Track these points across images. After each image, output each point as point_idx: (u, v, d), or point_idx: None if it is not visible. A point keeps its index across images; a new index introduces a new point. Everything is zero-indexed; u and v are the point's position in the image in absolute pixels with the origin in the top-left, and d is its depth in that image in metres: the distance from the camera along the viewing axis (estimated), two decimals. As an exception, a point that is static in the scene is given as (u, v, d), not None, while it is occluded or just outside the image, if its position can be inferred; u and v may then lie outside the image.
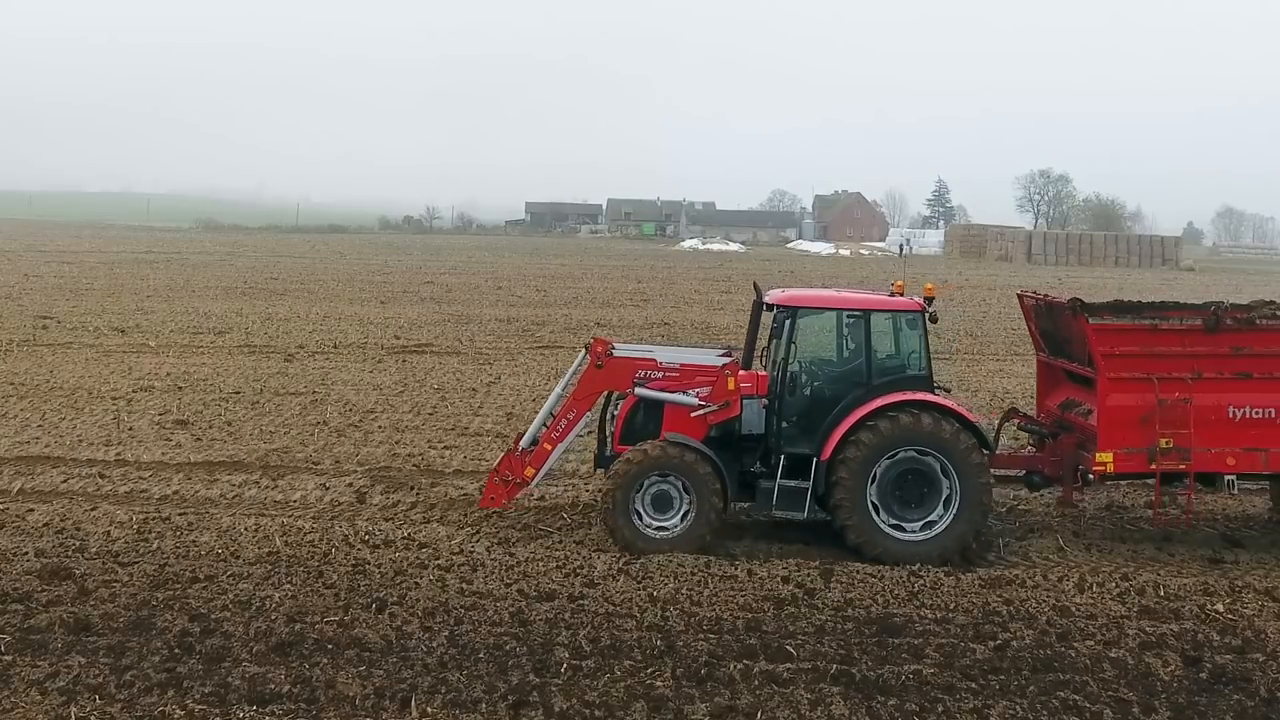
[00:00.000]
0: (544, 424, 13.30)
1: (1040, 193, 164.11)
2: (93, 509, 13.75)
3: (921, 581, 11.62)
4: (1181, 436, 12.52)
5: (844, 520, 12.37)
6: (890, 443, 12.33)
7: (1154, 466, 12.64)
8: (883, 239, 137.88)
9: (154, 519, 13.34)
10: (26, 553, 11.96)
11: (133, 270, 55.52)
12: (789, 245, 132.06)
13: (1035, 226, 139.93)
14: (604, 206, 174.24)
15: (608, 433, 13.55)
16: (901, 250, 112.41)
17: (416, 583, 11.21)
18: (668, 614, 10.50)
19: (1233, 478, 12.87)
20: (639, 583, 11.37)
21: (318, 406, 20.88)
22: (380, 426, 19.27)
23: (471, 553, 12.38)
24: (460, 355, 28.46)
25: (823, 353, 13.47)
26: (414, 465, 16.51)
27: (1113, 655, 9.81)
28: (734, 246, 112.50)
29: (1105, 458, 12.67)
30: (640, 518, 12.44)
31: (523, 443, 13.29)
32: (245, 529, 13.06)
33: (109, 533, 12.79)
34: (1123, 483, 14.99)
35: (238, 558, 11.98)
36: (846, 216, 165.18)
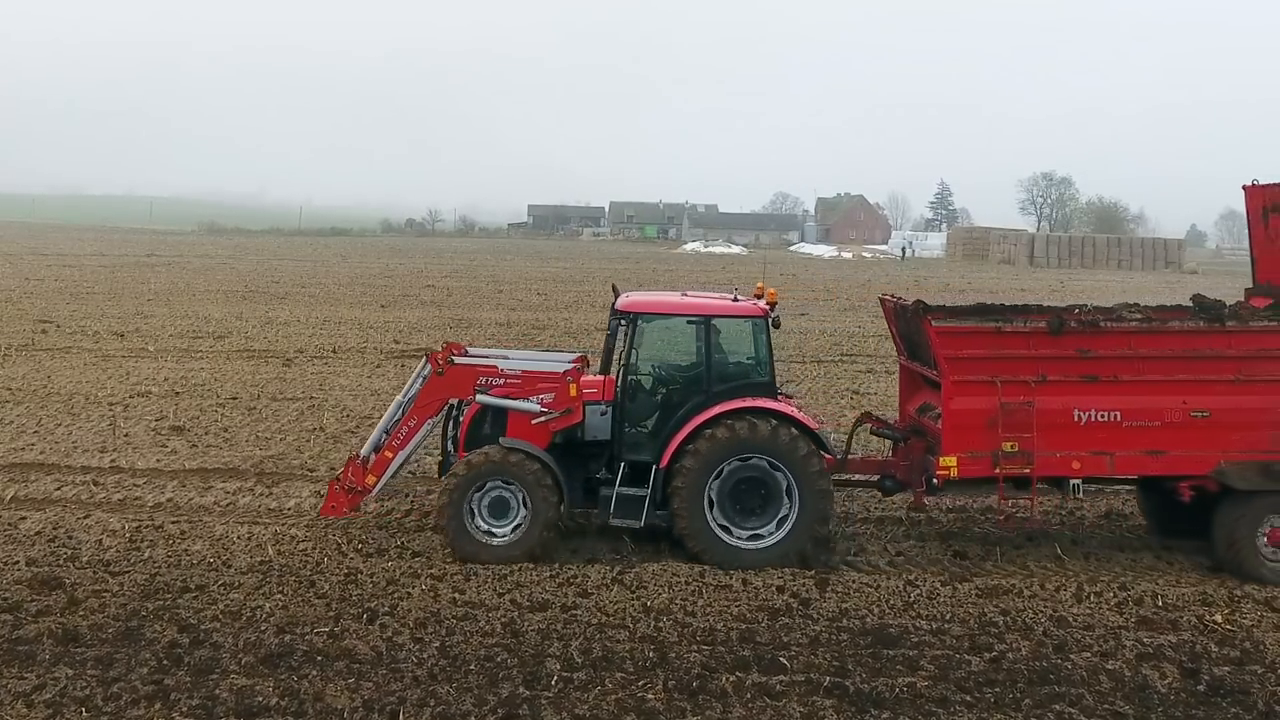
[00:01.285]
0: (385, 432, 13.10)
1: (1043, 195, 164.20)
2: (85, 517, 13.70)
3: (918, 591, 11.54)
4: (1026, 440, 12.35)
5: (682, 528, 12.27)
6: (728, 450, 12.24)
7: (998, 471, 12.47)
8: (885, 242, 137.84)
9: (146, 527, 13.28)
10: (17, 561, 11.91)
11: (134, 274, 55.55)
12: (791, 248, 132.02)
13: (1038, 229, 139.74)
14: (606, 209, 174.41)
15: (450, 440, 13.38)
16: (904, 253, 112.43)
17: (409, 592, 11.14)
18: (661, 625, 10.42)
19: (1078, 482, 12.70)
20: (633, 593, 11.29)
21: (315, 412, 20.82)
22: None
23: (464, 562, 12.30)
24: None
25: (665, 359, 13.35)
26: (409, 472, 16.41)
27: (1110, 667, 9.72)
28: (736, 249, 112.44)
29: (949, 462, 12.52)
30: (476, 523, 12.29)
31: (364, 451, 13.08)
32: (238, 537, 13.00)
33: (101, 541, 12.74)
34: (1123, 489, 14.92)
35: (229, 567, 11.92)
36: (849, 219, 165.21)
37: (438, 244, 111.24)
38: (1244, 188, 14.36)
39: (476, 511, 12.32)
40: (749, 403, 12.43)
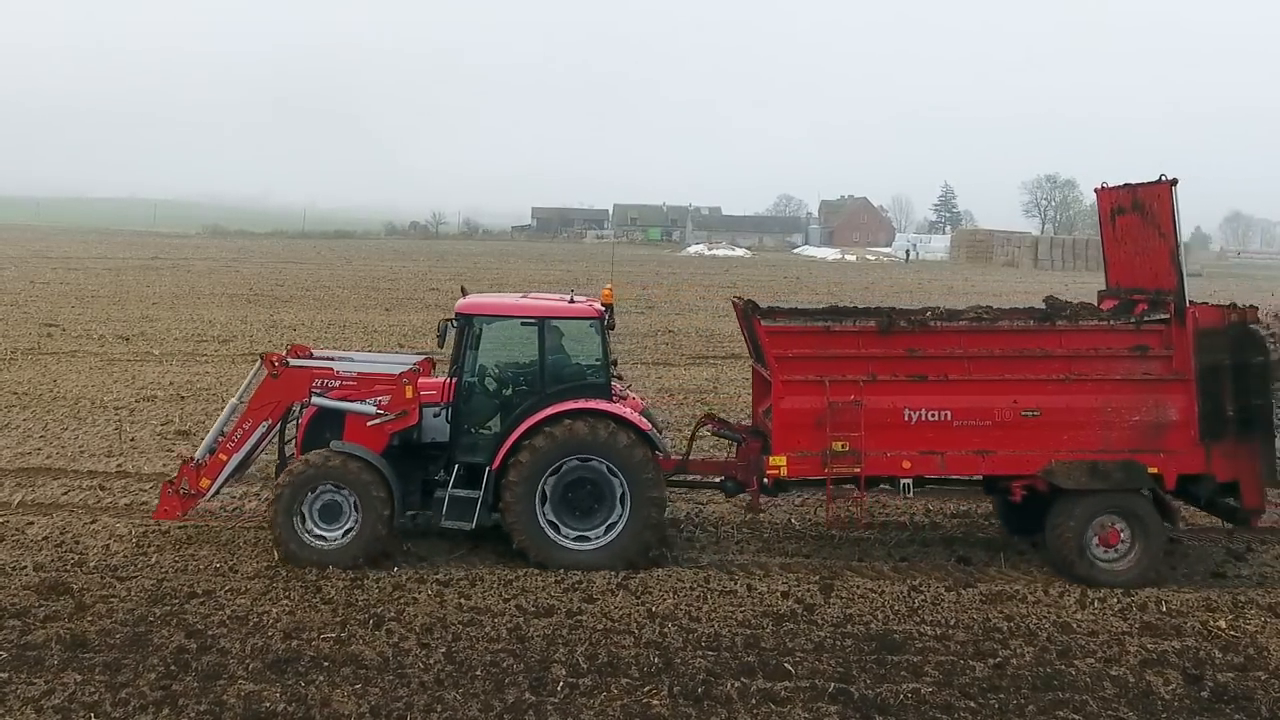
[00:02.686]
0: (219, 434, 13.06)
1: (1047, 198, 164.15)
2: (92, 522, 13.76)
3: (922, 597, 11.57)
4: (856, 440, 12.37)
5: (514, 530, 12.29)
6: (560, 451, 12.26)
7: (828, 471, 12.48)
8: (889, 244, 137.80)
9: (153, 532, 13.34)
10: (25, 567, 11.98)
11: (138, 277, 55.66)
12: (795, 251, 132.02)
13: (1042, 232, 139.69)
14: (610, 211, 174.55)
15: (287, 444, 13.32)
16: (907, 256, 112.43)
17: (415, 598, 11.19)
18: (666, 630, 10.46)
19: (908, 481, 12.67)
20: (638, 598, 11.33)
21: (320, 416, 20.81)
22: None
23: (470, 566, 12.36)
24: None
25: (500, 360, 13.33)
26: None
27: (1113, 673, 9.74)
28: (739, 252, 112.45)
29: (779, 461, 12.52)
30: (306, 527, 12.24)
31: (198, 454, 13.02)
32: (244, 542, 13.05)
33: (108, 546, 12.80)
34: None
35: (236, 572, 11.97)
36: (853, 222, 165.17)
37: (441, 246, 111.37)
38: (1096, 190, 14.36)
39: (307, 515, 12.25)
40: (582, 404, 12.44)
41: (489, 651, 9.88)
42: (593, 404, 12.46)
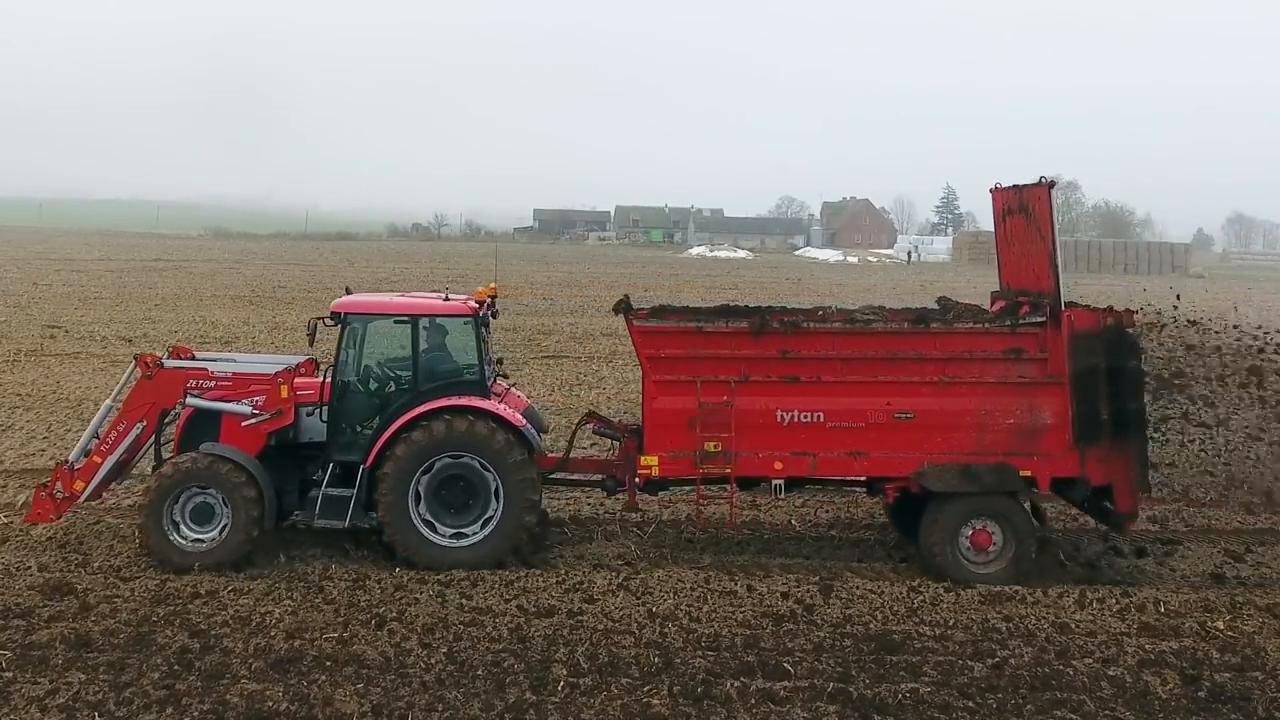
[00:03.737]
0: (94, 437, 13.04)
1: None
2: (96, 523, 13.83)
3: (921, 597, 11.61)
4: (728, 440, 12.39)
5: (387, 528, 12.33)
6: (432, 448, 12.31)
7: (700, 471, 12.49)
8: (891, 246, 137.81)
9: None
10: (29, 567, 12.08)
11: (141, 278, 55.73)
12: (797, 252, 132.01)
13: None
14: (612, 213, 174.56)
15: (165, 445, 13.23)
16: (909, 257, 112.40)
17: (416, 598, 11.25)
18: (666, 630, 10.51)
19: (780, 482, 12.68)
20: (638, 598, 11.39)
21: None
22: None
23: (472, 568, 12.40)
24: None
25: (376, 359, 13.33)
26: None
27: (1111, 673, 9.78)
28: (741, 254, 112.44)
29: (650, 461, 12.54)
30: (177, 530, 12.24)
31: (72, 456, 13.01)
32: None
33: (112, 547, 12.89)
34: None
35: (239, 572, 12.03)
36: (855, 223, 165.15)
37: (443, 248, 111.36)
38: (990, 190, 14.36)
39: (179, 517, 12.27)
40: (455, 401, 12.48)
41: (490, 651, 9.95)
42: (466, 401, 12.50)
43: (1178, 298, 17.99)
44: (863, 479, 13.09)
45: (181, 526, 12.29)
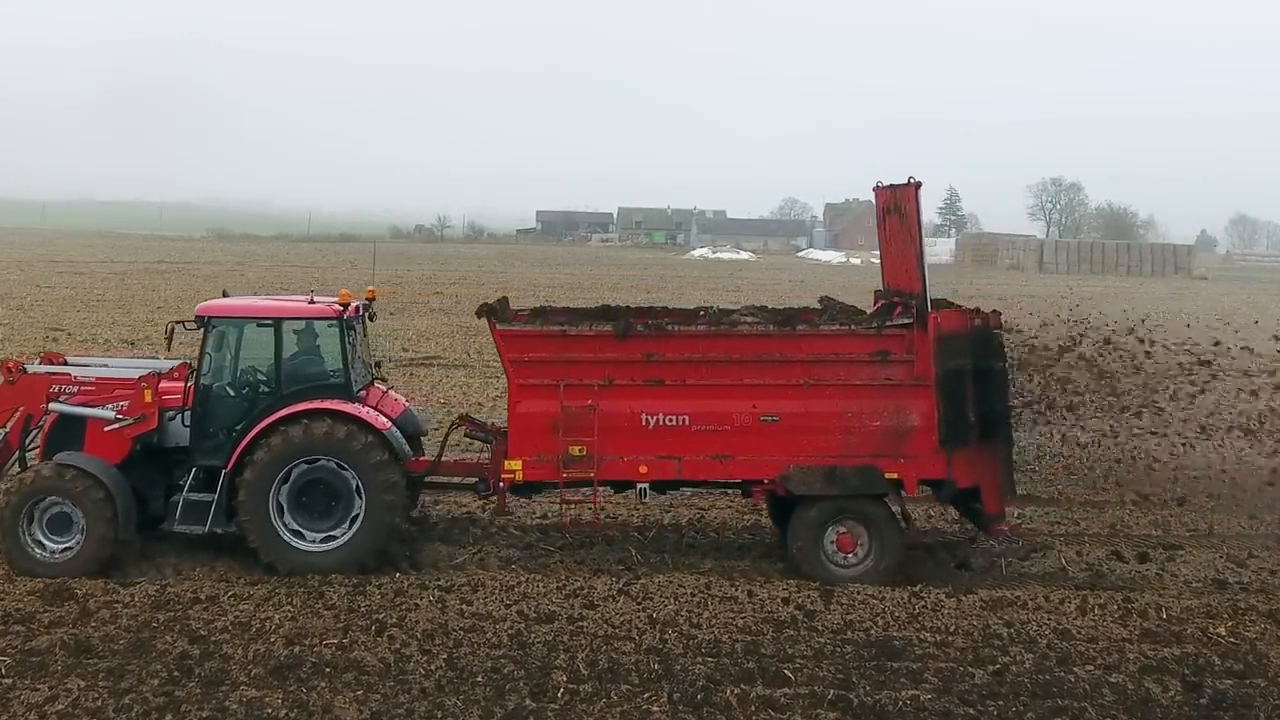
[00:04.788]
0: None
1: (1052, 201, 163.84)
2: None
3: (923, 603, 11.57)
4: (593, 444, 12.33)
5: (249, 532, 12.27)
6: (293, 452, 12.24)
7: (564, 475, 12.44)
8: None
9: (157, 538, 13.35)
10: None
11: (143, 281, 55.77)
12: (800, 254, 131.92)
13: (1047, 235, 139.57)
14: (615, 215, 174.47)
15: (30, 451, 13.09)
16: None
17: (416, 604, 11.23)
18: (666, 636, 10.50)
19: (645, 486, 12.63)
20: (638, 604, 11.37)
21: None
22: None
23: (473, 573, 12.41)
24: (468, 368, 28.42)
25: (240, 362, 13.26)
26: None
27: (1112, 680, 9.74)
28: (744, 255, 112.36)
29: (514, 465, 12.47)
30: (36, 540, 12.16)
31: None
32: (247, 548, 13.06)
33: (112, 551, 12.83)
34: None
35: (239, 578, 12.03)
36: (858, 225, 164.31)
37: (446, 250, 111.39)
38: (873, 190, 14.31)
39: (37, 527, 12.17)
40: (318, 405, 12.43)
41: (490, 658, 9.93)
42: (328, 404, 12.44)
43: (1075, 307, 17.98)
44: (734, 482, 13.05)
45: (41, 536, 12.17)
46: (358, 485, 12.30)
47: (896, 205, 13.44)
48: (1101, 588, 12.39)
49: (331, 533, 12.36)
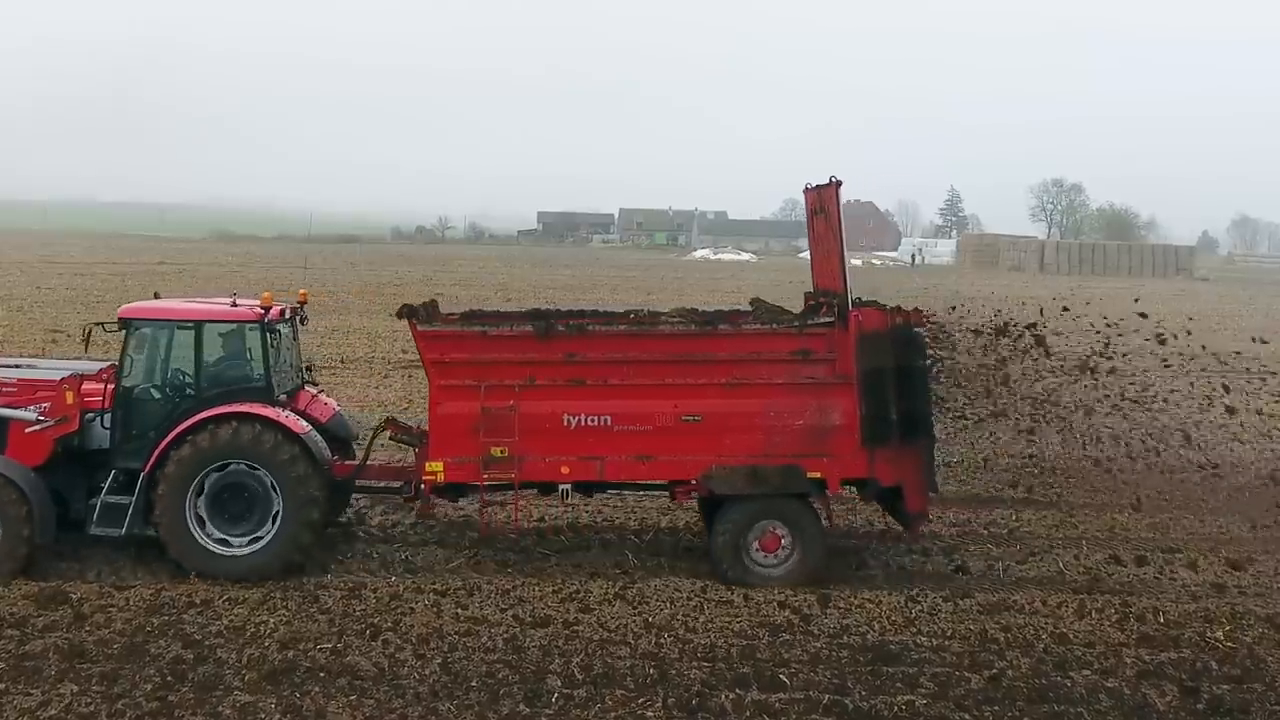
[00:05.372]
0: None
1: (1053, 202, 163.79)
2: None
3: (919, 607, 11.54)
4: (514, 445, 12.27)
5: (165, 536, 12.20)
6: (211, 455, 12.17)
7: (485, 476, 12.36)
8: (895, 248, 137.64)
9: (152, 541, 13.33)
10: (24, 576, 11.98)
11: (145, 282, 55.57)
12: (801, 255, 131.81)
13: (1048, 236, 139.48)
14: (616, 216, 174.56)
15: None
16: (913, 260, 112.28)
17: (411, 608, 11.20)
18: (662, 641, 10.46)
19: (567, 487, 12.57)
20: (634, 608, 11.34)
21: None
22: (382, 445, 19.19)
23: (468, 576, 12.39)
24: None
25: (161, 365, 13.19)
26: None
27: (1110, 685, 9.71)
28: (746, 256, 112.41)
29: (435, 467, 12.39)
30: None
31: None
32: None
33: (107, 555, 12.82)
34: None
35: (233, 582, 11.99)
36: (859, 226, 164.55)
37: (447, 251, 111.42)
38: (804, 190, 14.25)
39: None
40: (233, 408, 12.38)
41: (485, 662, 9.90)
42: (247, 408, 12.40)
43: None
44: (661, 483, 13.03)
45: None
46: (275, 490, 12.25)
47: (822, 205, 13.44)
48: (1099, 592, 12.34)
49: (245, 535, 12.29)
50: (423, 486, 12.60)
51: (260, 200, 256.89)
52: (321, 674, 9.59)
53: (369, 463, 13.55)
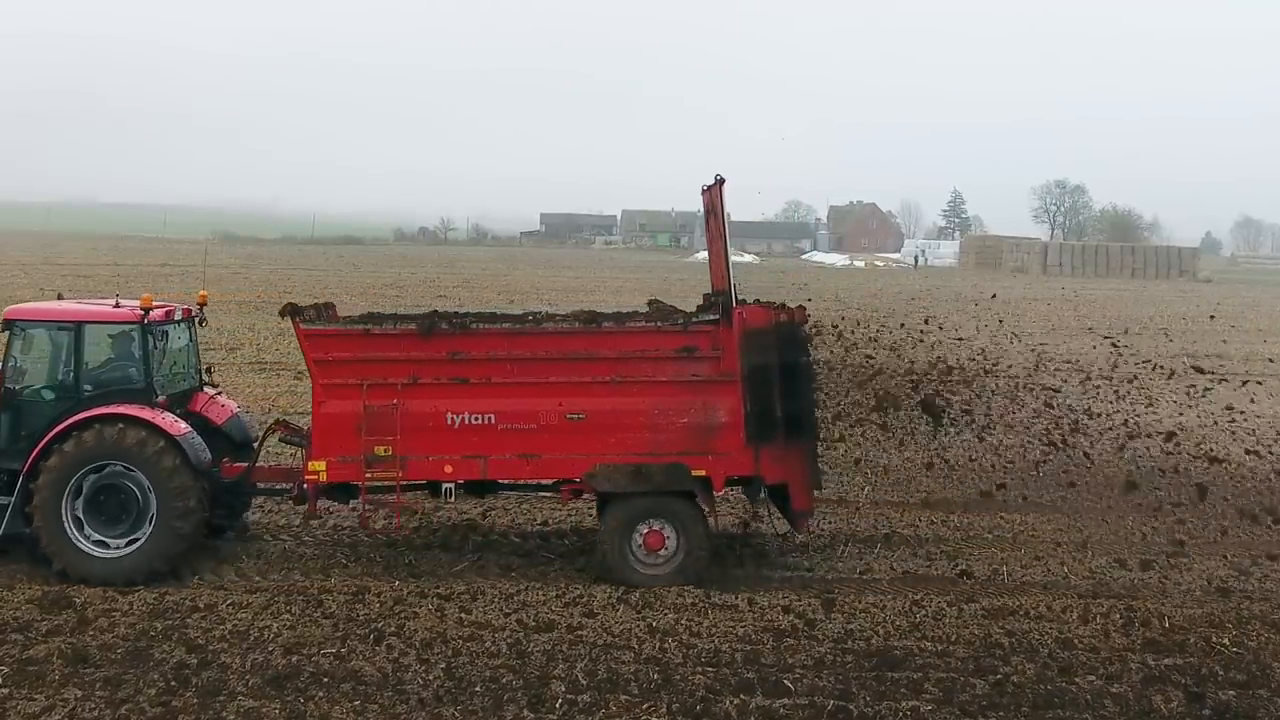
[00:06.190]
0: None
1: (1056, 204, 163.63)
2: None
3: (924, 612, 11.51)
4: (397, 444, 12.21)
5: (41, 536, 12.15)
6: (86, 457, 12.14)
7: (368, 476, 12.31)
8: (898, 250, 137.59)
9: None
10: (28, 580, 12.03)
11: (147, 284, 55.59)
12: (804, 257, 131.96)
13: (1051, 237, 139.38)
14: (619, 217, 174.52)
15: None
16: (916, 261, 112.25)
17: (415, 612, 11.19)
18: (666, 646, 10.44)
19: (450, 486, 12.52)
20: (638, 613, 11.31)
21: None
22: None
23: (472, 580, 12.37)
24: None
25: (43, 366, 13.12)
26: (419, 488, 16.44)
27: (1115, 690, 9.68)
28: (748, 258, 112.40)
29: (318, 467, 12.34)
30: None
31: None
32: (246, 555, 13.07)
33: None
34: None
35: (237, 586, 11.99)
36: (861, 227, 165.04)
37: (450, 253, 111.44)
38: (701, 192, 14.17)
39: None
40: (110, 410, 12.34)
41: (488, 667, 9.88)
42: (124, 409, 12.37)
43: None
44: (546, 482, 13.00)
45: None
46: (150, 492, 12.22)
47: (713, 205, 13.43)
48: (1104, 596, 12.29)
49: (120, 537, 12.24)
50: (304, 486, 12.57)
51: (263, 202, 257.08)
52: (325, 679, 9.57)
53: (258, 464, 13.48)
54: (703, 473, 12.32)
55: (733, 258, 13.19)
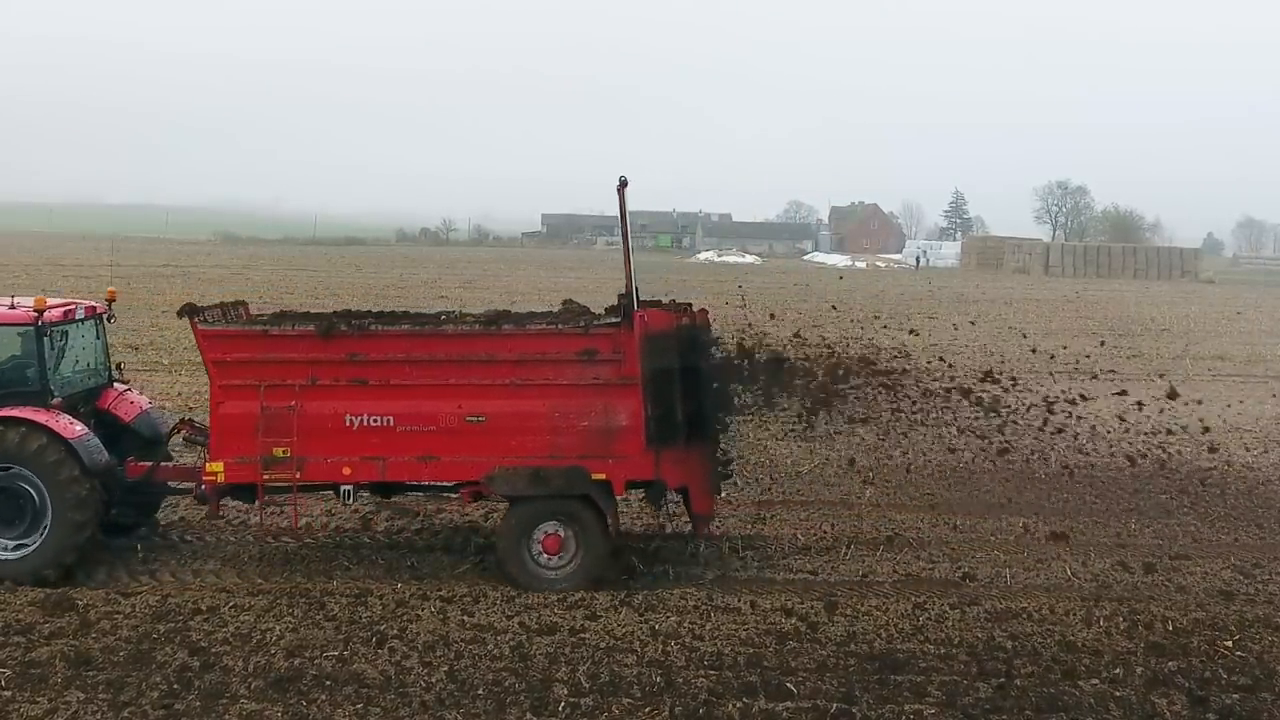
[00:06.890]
0: None
1: (1058, 204, 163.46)
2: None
3: (927, 615, 11.49)
4: (295, 445, 12.13)
5: None
6: None
7: (266, 477, 12.24)
8: (900, 251, 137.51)
9: (158, 547, 13.36)
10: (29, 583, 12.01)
11: (149, 284, 55.76)
12: (805, 257, 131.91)
13: (1053, 238, 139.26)
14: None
15: None
16: (918, 262, 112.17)
17: (418, 615, 11.17)
18: (669, 649, 10.42)
19: (350, 488, 12.47)
20: (641, 615, 11.30)
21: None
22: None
23: (474, 583, 12.37)
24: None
25: None
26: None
27: (1118, 694, 9.65)
28: (750, 259, 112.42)
29: (216, 468, 12.29)
30: None
31: None
32: (249, 557, 13.08)
33: (113, 561, 12.82)
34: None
35: (240, 588, 11.99)
36: (863, 228, 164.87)
37: (452, 253, 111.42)
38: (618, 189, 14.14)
39: None
40: (7, 412, 12.27)
41: (491, 670, 9.87)
42: (17, 412, 12.30)
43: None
44: (446, 484, 12.97)
45: None
46: (42, 494, 12.17)
47: (622, 207, 13.41)
48: (1107, 599, 12.28)
49: (15, 540, 12.22)
50: (203, 487, 12.53)
51: (265, 203, 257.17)
52: (328, 682, 9.57)
53: (162, 464, 13.45)
54: (603, 476, 12.26)
55: (734, 258, 13.21)
